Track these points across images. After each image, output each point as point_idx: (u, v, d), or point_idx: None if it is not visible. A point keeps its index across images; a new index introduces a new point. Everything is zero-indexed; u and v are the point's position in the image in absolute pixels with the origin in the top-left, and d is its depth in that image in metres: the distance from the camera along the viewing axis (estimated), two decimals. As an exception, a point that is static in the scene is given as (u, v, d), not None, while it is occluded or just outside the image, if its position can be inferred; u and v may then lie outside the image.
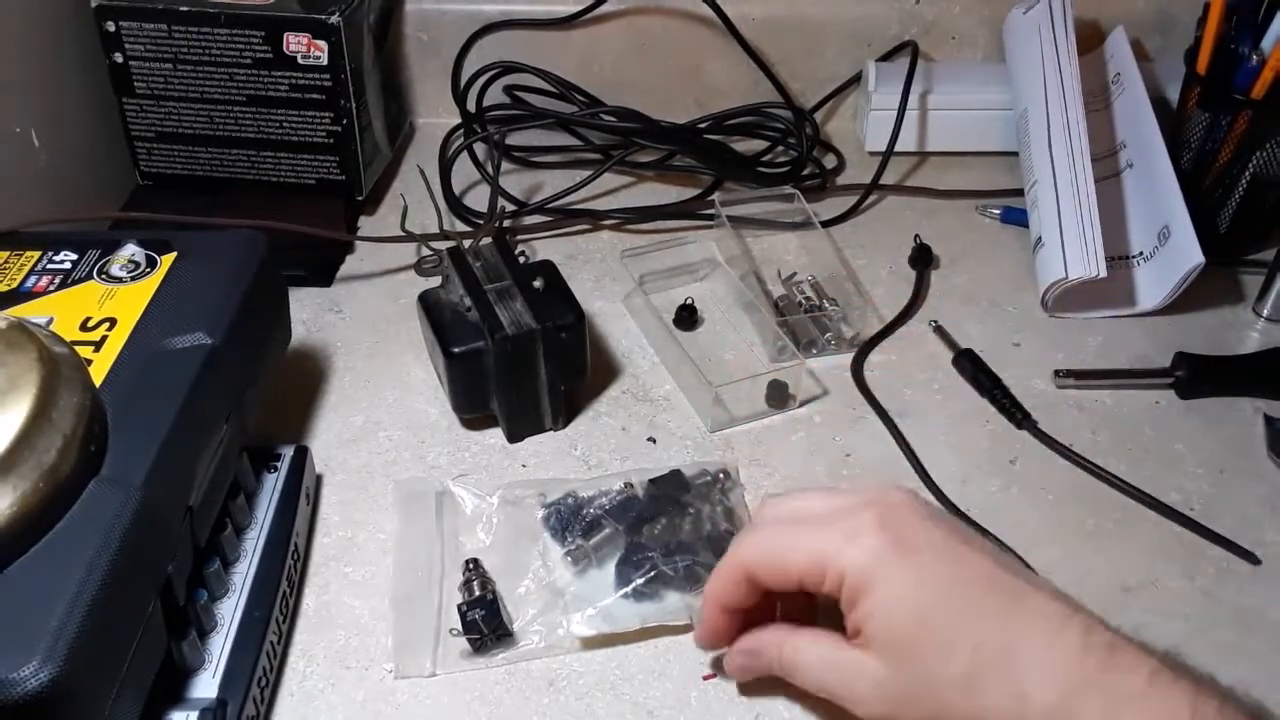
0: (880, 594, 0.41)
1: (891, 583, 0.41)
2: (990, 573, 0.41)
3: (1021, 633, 0.40)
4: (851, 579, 0.42)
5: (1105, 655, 0.39)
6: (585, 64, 0.88)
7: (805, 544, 0.43)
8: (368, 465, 0.61)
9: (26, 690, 0.36)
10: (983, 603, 0.41)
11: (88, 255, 0.56)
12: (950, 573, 0.41)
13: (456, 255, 0.64)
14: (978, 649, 0.40)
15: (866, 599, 0.42)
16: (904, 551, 0.41)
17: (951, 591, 0.41)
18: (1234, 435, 0.63)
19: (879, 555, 0.41)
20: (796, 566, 0.43)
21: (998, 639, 0.40)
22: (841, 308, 0.71)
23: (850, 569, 0.42)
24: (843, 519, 0.43)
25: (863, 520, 0.43)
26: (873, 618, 0.41)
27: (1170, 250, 0.70)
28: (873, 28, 0.88)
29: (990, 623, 0.40)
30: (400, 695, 0.50)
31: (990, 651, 0.40)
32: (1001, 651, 0.39)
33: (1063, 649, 0.39)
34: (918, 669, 0.41)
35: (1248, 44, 0.70)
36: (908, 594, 0.41)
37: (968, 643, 0.40)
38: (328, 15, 0.72)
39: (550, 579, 0.54)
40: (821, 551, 0.43)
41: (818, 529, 0.44)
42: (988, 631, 0.40)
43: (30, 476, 0.40)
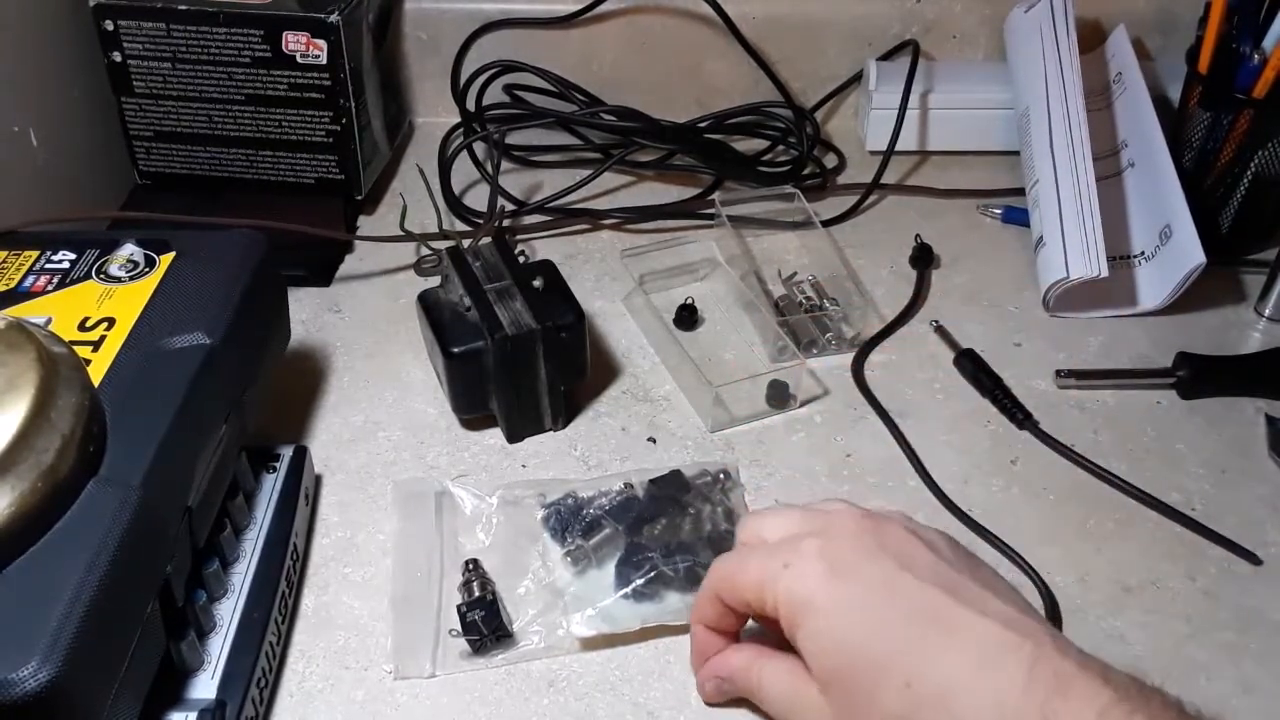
0: (812, 626, 0.41)
1: (822, 614, 0.41)
2: (931, 601, 0.40)
3: (958, 667, 0.38)
4: (785, 608, 0.42)
5: (1051, 691, 0.36)
6: (585, 63, 0.88)
7: (751, 570, 0.44)
8: (367, 465, 0.61)
9: (25, 691, 0.35)
10: (916, 637, 0.39)
11: (86, 255, 0.56)
12: (884, 603, 0.40)
13: (456, 255, 0.64)
14: (909, 687, 0.38)
15: (801, 631, 0.41)
16: (837, 581, 0.41)
17: (883, 623, 0.40)
18: (1235, 435, 0.63)
19: (812, 585, 0.41)
20: (745, 591, 0.44)
21: (931, 676, 0.38)
22: (842, 307, 0.70)
23: (783, 597, 0.42)
24: (787, 547, 0.43)
25: (804, 549, 0.42)
26: (808, 650, 0.41)
27: (1172, 250, 0.70)
28: (874, 27, 0.88)
29: (924, 657, 0.38)
30: (400, 696, 0.50)
31: (923, 690, 0.38)
32: (935, 691, 0.38)
33: (1003, 684, 0.37)
34: (854, 705, 0.40)
35: (1249, 43, 0.70)
36: (838, 626, 0.40)
37: (898, 680, 0.38)
38: (327, 14, 0.72)
39: (550, 579, 0.54)
40: (761, 578, 0.43)
41: (764, 555, 0.44)
42: (920, 668, 0.38)
43: (29, 477, 0.39)
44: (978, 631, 0.39)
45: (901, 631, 0.40)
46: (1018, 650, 0.38)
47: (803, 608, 0.41)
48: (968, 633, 0.39)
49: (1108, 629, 0.53)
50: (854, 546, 0.42)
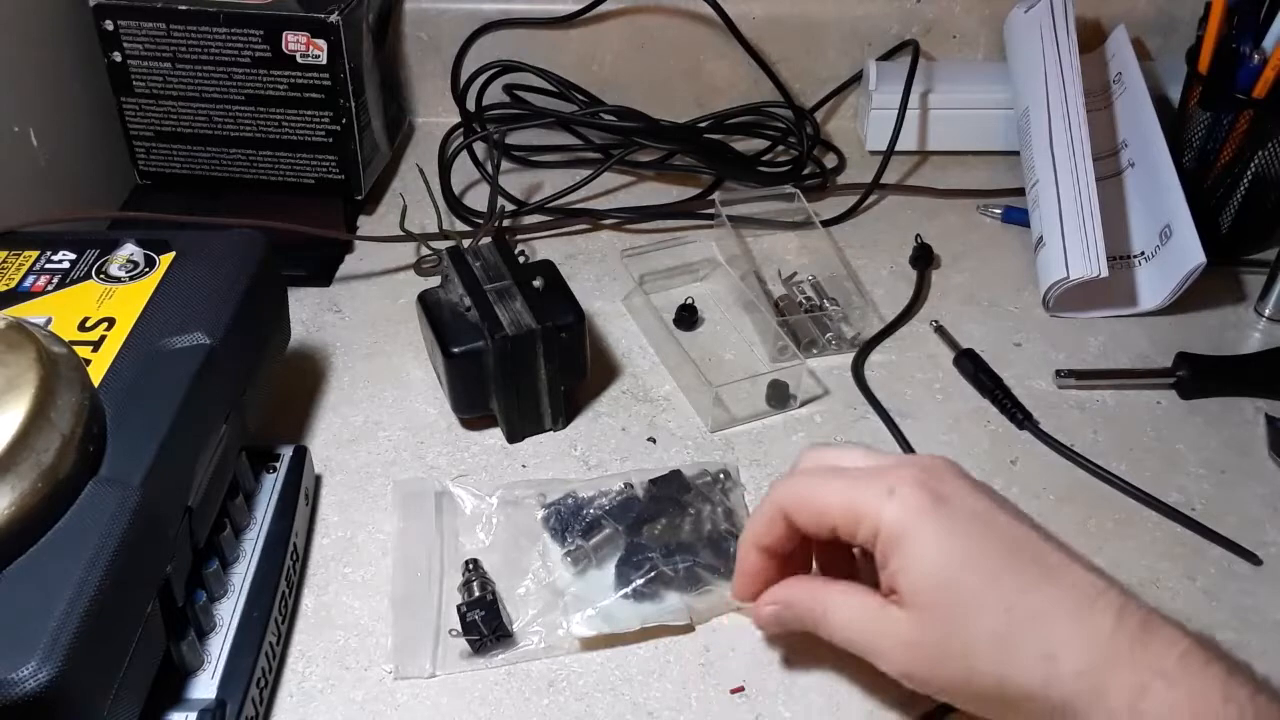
0: (914, 551, 0.41)
1: (926, 541, 0.41)
2: (1027, 540, 0.41)
3: (1054, 601, 0.40)
4: (886, 533, 0.42)
5: (1138, 631, 0.38)
6: (585, 63, 0.88)
7: (843, 492, 0.43)
8: (367, 465, 0.61)
9: (25, 691, 0.35)
10: (1017, 568, 0.40)
11: (86, 255, 0.56)
12: (986, 535, 0.41)
13: (456, 255, 0.64)
14: (1010, 611, 0.40)
15: (899, 555, 0.41)
16: (941, 511, 0.41)
17: (986, 553, 0.41)
18: (1235, 435, 0.63)
19: (915, 512, 0.41)
20: (833, 513, 0.43)
21: (1030, 604, 0.40)
22: (842, 307, 0.70)
23: (885, 523, 0.42)
24: (883, 474, 0.43)
25: (902, 476, 0.43)
26: (905, 574, 0.41)
27: (1172, 250, 0.70)
28: (873, 27, 0.88)
29: (1023, 587, 0.40)
30: (400, 696, 0.50)
31: (1022, 615, 0.39)
32: (1033, 615, 0.39)
33: (1095, 621, 0.39)
34: (947, 628, 0.41)
35: (1249, 43, 0.70)
36: (941, 553, 0.41)
37: (999, 604, 0.40)
38: (327, 14, 0.72)
39: (550, 579, 0.54)
40: (858, 502, 0.43)
41: (857, 480, 0.44)
42: (1020, 595, 0.40)
43: (29, 476, 0.40)
44: (1072, 572, 0.41)
45: (1003, 561, 0.41)
46: (1106, 593, 0.40)
47: (908, 533, 0.41)
48: (1063, 571, 0.41)
49: (1108, 629, 0.53)
50: (952, 481, 0.43)
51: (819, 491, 0.44)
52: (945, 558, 0.41)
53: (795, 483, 0.46)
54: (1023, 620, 0.39)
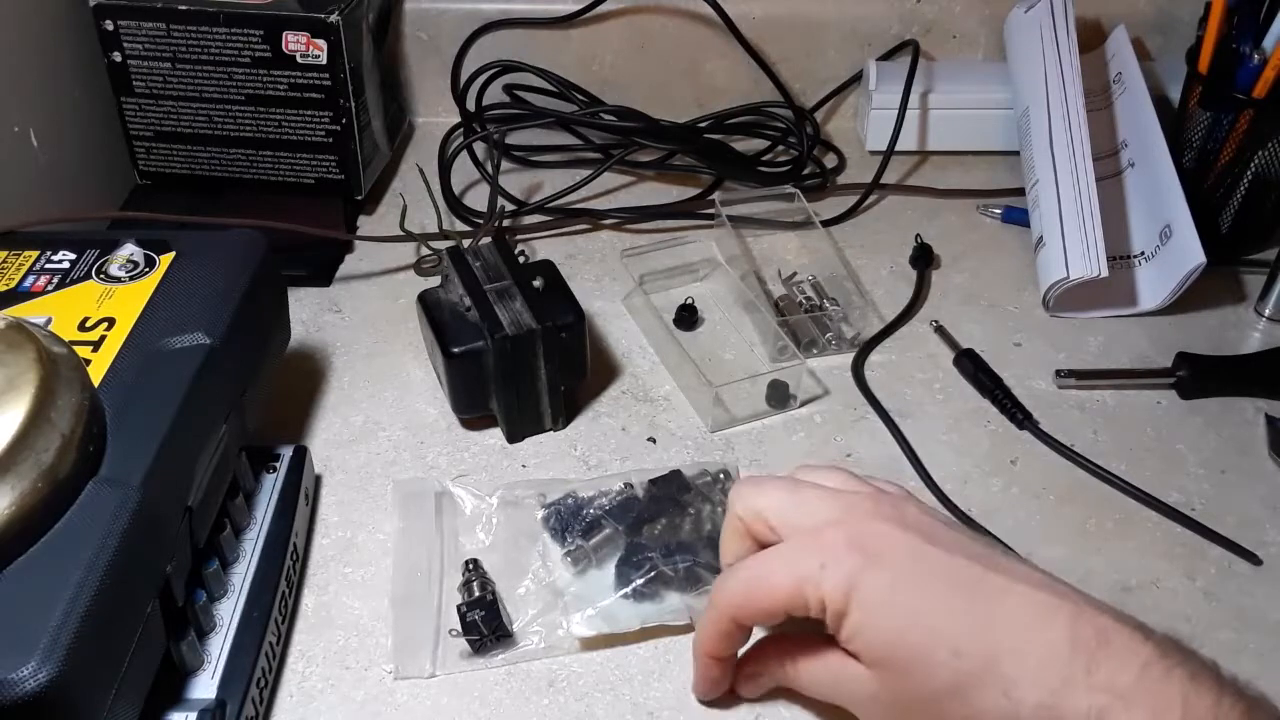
0: (857, 616, 0.41)
1: (866, 604, 0.41)
2: (967, 574, 0.41)
3: (1002, 633, 0.39)
4: (831, 606, 0.42)
5: (1094, 648, 0.38)
6: (585, 63, 0.88)
7: (783, 580, 0.43)
8: (367, 465, 0.61)
9: (25, 691, 0.35)
10: (958, 608, 0.40)
11: (86, 255, 0.56)
12: (921, 583, 0.41)
13: (456, 255, 0.64)
14: (958, 657, 0.39)
15: (847, 621, 0.41)
16: (872, 568, 0.41)
17: (923, 599, 0.40)
18: (1235, 435, 0.63)
19: (851, 578, 0.41)
20: (780, 604, 0.43)
21: (978, 644, 0.39)
22: (842, 307, 0.70)
23: (827, 596, 0.41)
24: (813, 544, 0.43)
25: (831, 543, 0.42)
26: (856, 639, 0.42)
27: (1172, 250, 0.70)
28: (873, 27, 0.88)
29: (967, 627, 0.39)
30: (400, 696, 0.50)
31: (972, 657, 0.39)
32: (983, 657, 0.39)
33: (1047, 644, 0.38)
34: (905, 682, 0.41)
35: (1249, 43, 0.70)
36: (882, 612, 0.41)
37: (946, 651, 0.39)
38: (327, 14, 0.72)
39: (550, 579, 0.54)
40: (800, 584, 0.42)
41: (791, 558, 0.43)
42: (965, 637, 0.39)
43: (29, 476, 0.39)
44: (1015, 595, 0.40)
45: (944, 607, 0.40)
46: (1057, 610, 0.39)
47: (848, 600, 0.41)
48: (1006, 597, 0.40)
49: (1108, 629, 0.53)
50: (879, 529, 0.42)
51: (760, 588, 0.44)
52: (887, 616, 0.41)
53: (732, 586, 0.45)
54: (974, 665, 0.39)
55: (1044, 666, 0.38)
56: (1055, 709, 0.37)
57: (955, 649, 0.39)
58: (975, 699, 0.39)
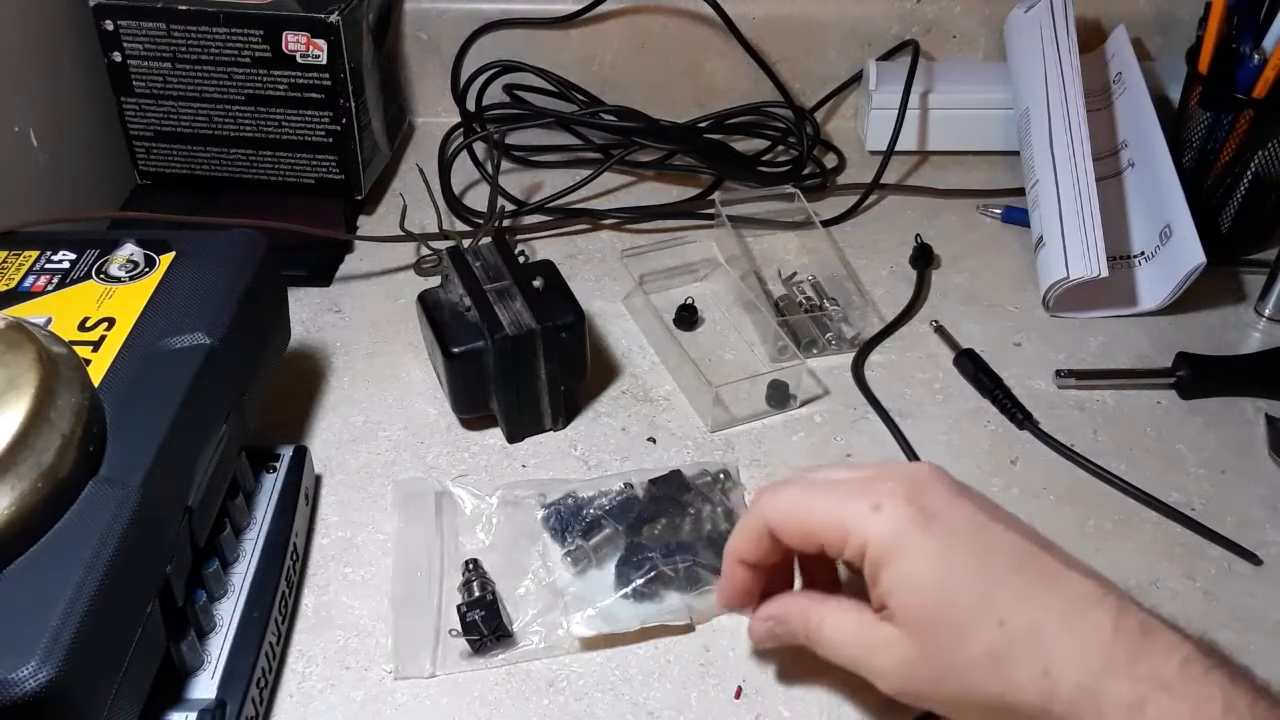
0: (902, 567, 0.40)
1: (914, 556, 0.40)
2: (1019, 548, 0.41)
3: (1049, 611, 0.39)
4: (874, 550, 0.41)
5: (1137, 639, 0.38)
6: (585, 63, 0.88)
7: (829, 508, 0.42)
8: (367, 465, 0.61)
9: (25, 691, 0.35)
10: (1009, 579, 0.40)
11: (86, 255, 0.56)
12: (976, 547, 0.40)
13: (456, 255, 0.64)
14: (1003, 625, 0.39)
15: (888, 572, 0.41)
16: (928, 524, 0.40)
17: (976, 566, 0.40)
18: (1235, 435, 0.63)
19: (902, 527, 0.41)
20: (819, 529, 0.43)
21: (1024, 616, 0.39)
22: (842, 307, 0.70)
23: (873, 539, 0.41)
24: (868, 489, 0.42)
25: (888, 490, 0.42)
26: (895, 592, 0.41)
27: (1171, 250, 0.70)
28: (873, 27, 0.88)
29: (1016, 599, 0.39)
30: (400, 696, 0.50)
31: (1016, 629, 0.39)
32: (1028, 629, 0.39)
33: (1092, 630, 0.38)
34: (941, 645, 0.40)
35: (1249, 43, 0.70)
36: (930, 568, 0.40)
37: (992, 619, 0.39)
38: (327, 14, 0.72)
39: (550, 579, 0.54)
40: (844, 518, 0.42)
41: (843, 495, 0.43)
42: (1013, 608, 0.39)
43: (29, 476, 0.39)
44: (1066, 578, 0.40)
45: (995, 574, 0.40)
46: (1104, 599, 0.39)
47: (895, 550, 0.41)
48: (1058, 579, 0.40)
49: (1108, 629, 0.53)
50: (938, 492, 0.42)
51: (804, 508, 0.44)
52: (935, 575, 0.40)
53: (780, 497, 0.45)
54: (1017, 634, 0.39)
55: (1087, 648, 0.38)
56: (1095, 692, 0.37)
57: (1002, 618, 0.39)
58: (1012, 671, 0.38)
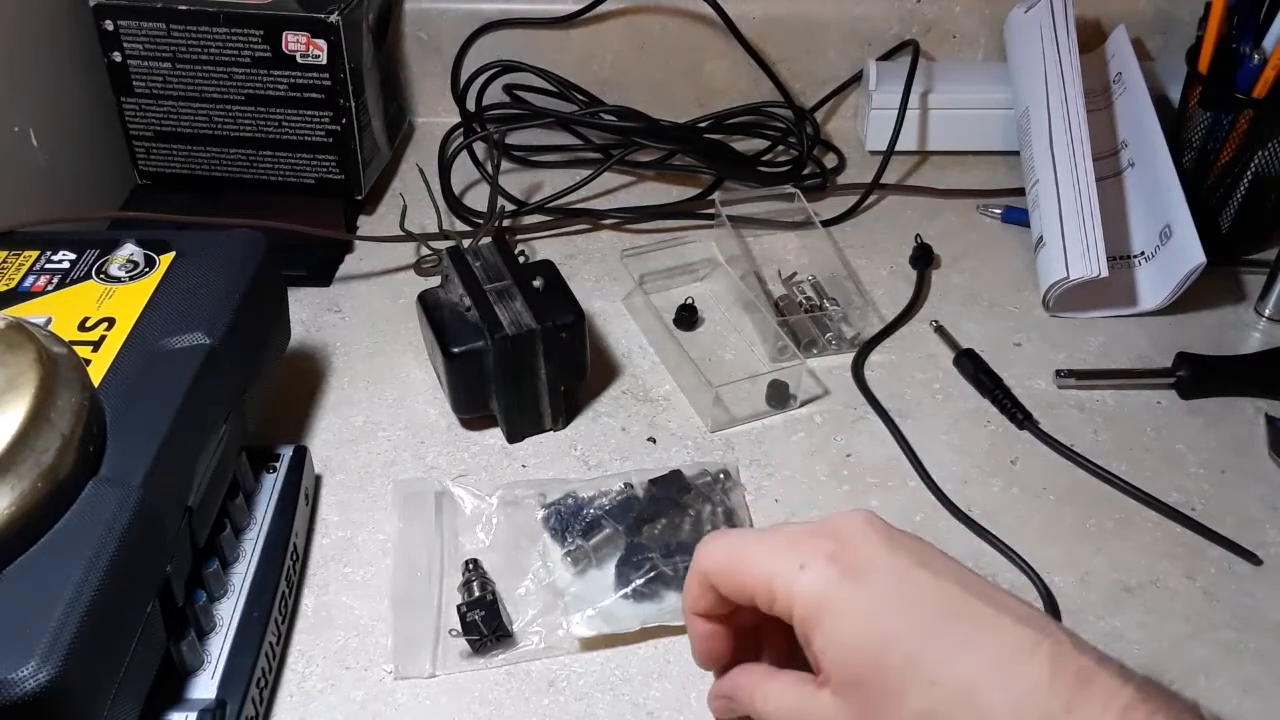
0: (830, 628, 0.40)
1: (841, 616, 0.40)
2: (950, 600, 0.39)
3: (981, 666, 0.38)
4: (800, 611, 0.40)
5: (1074, 689, 0.36)
6: (585, 63, 0.88)
7: (760, 564, 0.42)
8: (367, 465, 0.61)
9: (25, 691, 0.35)
10: (938, 634, 0.39)
11: (86, 255, 0.56)
12: (904, 604, 0.39)
13: (456, 255, 0.64)
14: (934, 684, 0.38)
15: (818, 634, 0.40)
16: (855, 581, 0.40)
17: (904, 622, 0.39)
18: (1235, 435, 0.63)
19: (828, 586, 0.40)
20: (749, 584, 0.42)
21: (955, 673, 0.38)
22: (842, 307, 0.70)
23: (798, 600, 0.40)
24: (798, 545, 0.42)
25: (815, 548, 0.41)
26: (826, 654, 0.40)
27: (1171, 250, 0.70)
28: (873, 27, 0.88)
29: (946, 655, 0.38)
30: (400, 696, 0.50)
31: (947, 688, 0.38)
32: (959, 688, 0.37)
33: (1027, 683, 0.37)
34: (874, 709, 0.39)
35: (1249, 43, 0.70)
36: (858, 627, 0.39)
37: (923, 679, 0.38)
38: (327, 14, 0.72)
39: (550, 579, 0.54)
40: (773, 575, 0.41)
41: (774, 550, 0.42)
42: (944, 665, 0.38)
43: (29, 476, 0.40)
44: (999, 628, 0.39)
45: (924, 628, 0.39)
46: (1038, 647, 0.38)
47: (822, 611, 0.40)
48: (990, 629, 0.39)
49: (1108, 629, 0.53)
50: (868, 546, 0.41)
51: (736, 560, 0.43)
52: (862, 634, 0.39)
53: (715, 549, 0.44)
54: (949, 694, 0.37)
55: (1023, 703, 0.36)
56: None
57: (932, 677, 0.38)
58: None
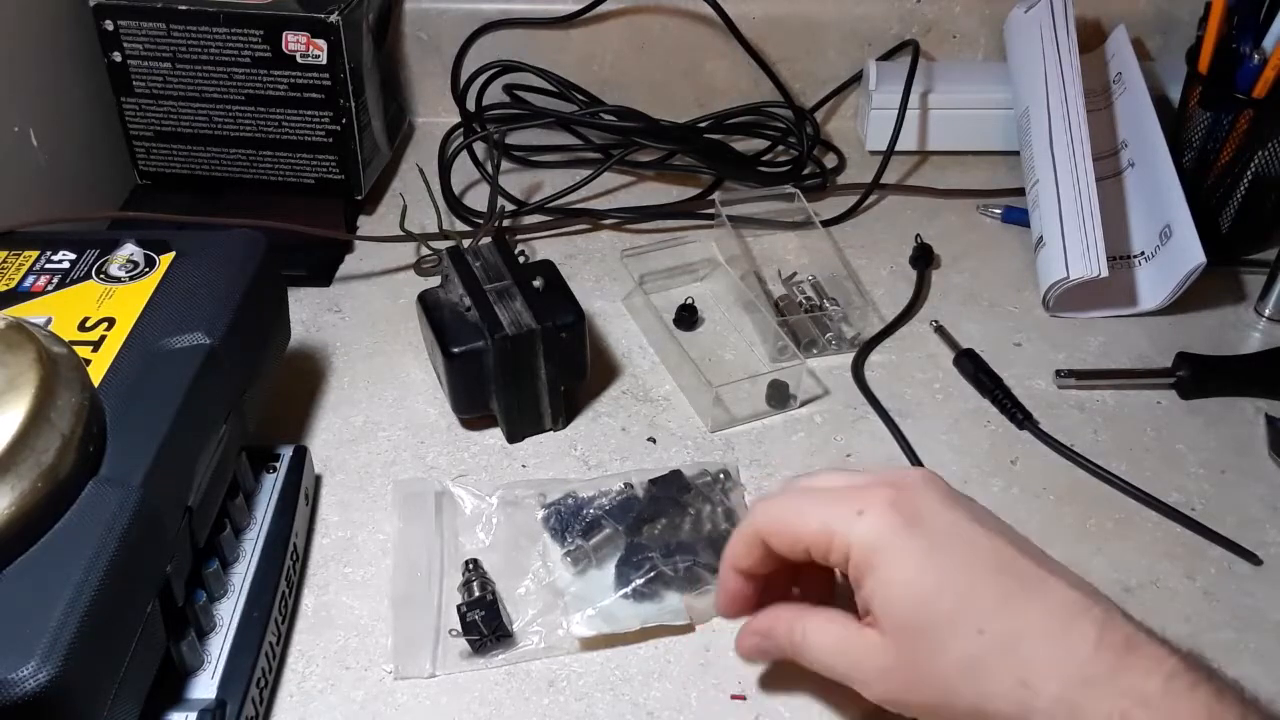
0: (885, 573, 0.41)
1: (897, 562, 0.40)
2: (1003, 556, 0.40)
3: (1030, 620, 0.39)
4: (857, 555, 0.41)
5: (1121, 652, 0.37)
6: (585, 63, 0.88)
7: (816, 514, 0.43)
8: (367, 465, 0.61)
9: (25, 691, 0.35)
10: (990, 587, 0.39)
11: (86, 255, 0.56)
12: (959, 554, 0.40)
13: (456, 255, 0.64)
14: (982, 633, 0.39)
15: (872, 577, 0.41)
16: (912, 530, 0.41)
17: (958, 573, 0.40)
18: (1235, 435, 0.63)
19: (886, 532, 0.41)
20: (805, 535, 0.43)
21: (1004, 625, 0.39)
22: (842, 307, 0.70)
23: (856, 544, 0.41)
24: (855, 495, 0.43)
25: (875, 497, 0.42)
26: (877, 597, 0.41)
27: (1171, 250, 0.70)
28: (873, 27, 0.88)
29: (997, 607, 0.39)
30: (400, 696, 0.50)
31: (995, 637, 0.38)
32: (1007, 638, 0.38)
33: (1074, 641, 0.38)
34: (920, 652, 0.40)
35: (1249, 43, 0.70)
36: (913, 574, 0.40)
37: (971, 626, 0.39)
38: (327, 14, 0.72)
39: (550, 579, 0.54)
40: (830, 523, 0.42)
41: (830, 501, 0.43)
42: (994, 616, 0.39)
43: (29, 476, 0.39)
44: (1050, 588, 0.39)
45: (977, 580, 0.40)
46: (1088, 610, 0.39)
47: (878, 554, 0.41)
48: (1041, 588, 0.39)
49: (1108, 629, 0.53)
50: (926, 498, 0.42)
51: (793, 515, 0.44)
52: (917, 580, 0.40)
53: (771, 506, 0.45)
54: (997, 643, 0.38)
55: (1068, 660, 0.37)
56: (1074, 705, 0.37)
57: (980, 626, 0.39)
58: (988, 681, 0.38)
